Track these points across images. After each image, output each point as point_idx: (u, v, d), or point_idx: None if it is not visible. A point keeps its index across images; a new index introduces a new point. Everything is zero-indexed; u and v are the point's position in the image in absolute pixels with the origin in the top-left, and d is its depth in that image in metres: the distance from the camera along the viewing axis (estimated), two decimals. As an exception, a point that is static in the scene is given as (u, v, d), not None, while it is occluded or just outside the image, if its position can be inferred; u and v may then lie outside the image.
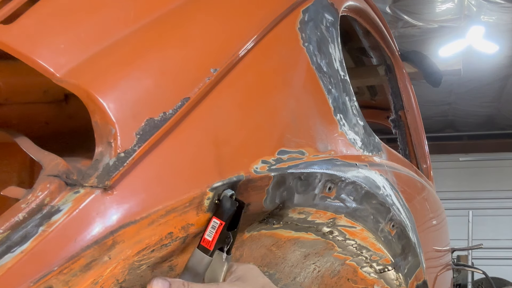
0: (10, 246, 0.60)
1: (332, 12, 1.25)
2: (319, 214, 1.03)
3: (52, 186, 0.64)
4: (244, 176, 0.81)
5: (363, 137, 1.22)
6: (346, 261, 1.27)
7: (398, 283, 1.34)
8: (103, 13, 0.77)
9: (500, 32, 6.58)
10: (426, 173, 2.22)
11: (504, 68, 7.69)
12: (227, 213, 0.76)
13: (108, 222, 0.65)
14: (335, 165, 1.04)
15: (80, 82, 0.68)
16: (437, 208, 2.06)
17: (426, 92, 7.06)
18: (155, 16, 0.81)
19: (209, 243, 0.75)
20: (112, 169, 0.66)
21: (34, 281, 0.60)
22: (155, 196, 0.70)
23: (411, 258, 1.36)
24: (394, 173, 1.38)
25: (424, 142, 2.32)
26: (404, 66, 2.33)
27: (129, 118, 0.69)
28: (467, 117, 9.82)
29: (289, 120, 0.95)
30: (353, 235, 1.16)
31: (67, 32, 0.72)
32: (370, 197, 1.13)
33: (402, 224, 1.27)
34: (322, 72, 1.09)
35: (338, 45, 1.22)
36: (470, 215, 7.60)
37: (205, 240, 0.75)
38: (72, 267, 0.62)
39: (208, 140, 0.78)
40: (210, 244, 0.74)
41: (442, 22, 6.52)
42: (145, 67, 0.75)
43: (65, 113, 1.02)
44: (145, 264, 0.76)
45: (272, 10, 0.99)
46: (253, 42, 0.90)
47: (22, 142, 0.80)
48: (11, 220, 0.61)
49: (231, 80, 0.84)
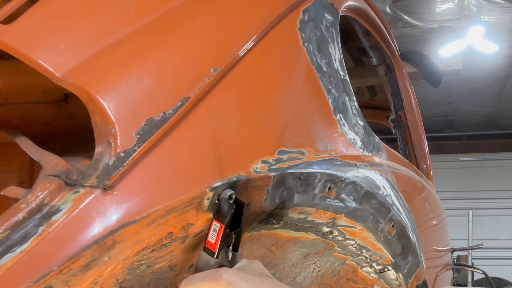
0: (10, 246, 0.60)
1: (332, 12, 1.25)
2: (319, 214, 1.03)
3: (52, 186, 0.64)
4: (244, 176, 0.81)
5: (363, 137, 1.22)
6: (346, 261, 1.27)
7: (398, 283, 1.34)
8: (103, 13, 0.77)
9: (500, 32, 6.58)
10: (426, 173, 2.22)
11: (504, 68, 7.69)
12: (225, 216, 0.77)
13: (108, 222, 0.65)
14: (335, 165, 1.04)
15: (80, 82, 0.68)
16: (437, 208, 2.06)
17: (426, 92, 7.07)
18: (155, 16, 0.81)
19: (213, 246, 0.76)
20: (112, 169, 0.66)
21: (34, 281, 0.60)
22: (155, 196, 0.70)
23: (411, 258, 1.36)
24: (394, 173, 1.38)
25: (424, 142, 2.32)
26: (404, 66, 2.33)
27: (129, 118, 0.69)
28: (467, 117, 9.82)
29: (289, 120, 0.95)
30: (353, 235, 1.16)
31: (67, 32, 0.72)
32: (370, 197, 1.13)
33: (402, 224, 1.27)
34: (322, 72, 1.09)
35: (338, 45, 1.22)
36: (470, 215, 7.60)
37: (209, 242, 0.76)
38: (72, 267, 0.62)
39: (208, 140, 0.78)
40: (214, 246, 0.76)
41: (442, 22, 6.52)
42: (145, 67, 0.75)
43: (65, 113, 1.02)
44: (145, 264, 0.76)
45: (272, 10, 0.99)
46: (253, 42, 0.90)
47: (22, 142, 0.80)
48: (11, 220, 0.61)
49: (231, 80, 0.84)
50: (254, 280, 0.71)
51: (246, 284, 0.69)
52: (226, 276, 0.69)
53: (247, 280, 0.70)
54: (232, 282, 0.69)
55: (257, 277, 0.72)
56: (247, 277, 0.71)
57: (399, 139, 2.27)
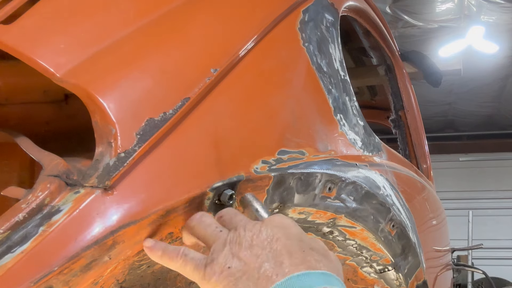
0: (10, 246, 0.60)
1: (332, 12, 1.25)
2: (319, 214, 1.03)
3: (52, 186, 0.64)
4: (244, 176, 0.81)
5: (363, 137, 1.22)
6: (346, 261, 1.27)
7: (398, 283, 1.34)
8: (103, 13, 0.77)
9: (500, 32, 6.59)
10: (426, 173, 2.22)
11: (504, 68, 7.69)
12: None
13: (108, 222, 0.65)
14: (335, 165, 1.04)
15: (80, 82, 0.68)
16: (437, 208, 2.06)
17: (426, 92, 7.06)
18: (155, 16, 0.81)
19: None
20: (112, 169, 0.66)
21: (34, 281, 0.59)
22: (155, 196, 0.70)
23: (411, 258, 1.36)
24: (394, 173, 1.38)
25: (424, 142, 2.32)
26: (404, 66, 2.33)
27: (129, 118, 0.69)
28: (467, 117, 9.83)
29: (289, 120, 0.95)
30: (353, 235, 1.16)
31: (67, 32, 0.72)
32: (370, 197, 1.13)
33: (402, 224, 1.27)
34: (322, 72, 1.09)
35: (338, 45, 1.22)
36: (470, 215, 7.61)
37: None
38: (72, 267, 0.62)
39: (208, 140, 0.78)
40: None
41: (442, 22, 6.53)
42: (145, 67, 0.75)
43: (65, 113, 1.02)
44: (145, 264, 0.76)
45: (272, 10, 0.99)
46: (253, 42, 0.90)
47: (22, 142, 0.80)
48: (11, 220, 0.61)
49: (231, 80, 0.84)
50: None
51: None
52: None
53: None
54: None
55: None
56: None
57: (399, 139, 2.27)
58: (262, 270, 0.62)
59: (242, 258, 0.64)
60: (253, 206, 0.77)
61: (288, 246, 0.65)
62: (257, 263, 0.63)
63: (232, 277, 0.63)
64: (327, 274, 0.63)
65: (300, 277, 0.61)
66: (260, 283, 0.61)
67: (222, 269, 0.63)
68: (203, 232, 0.70)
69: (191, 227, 0.72)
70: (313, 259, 0.64)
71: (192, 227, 0.71)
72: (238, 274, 0.63)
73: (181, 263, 0.67)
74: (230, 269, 0.63)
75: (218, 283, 0.63)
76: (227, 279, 0.63)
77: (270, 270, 0.62)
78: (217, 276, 0.63)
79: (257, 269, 0.62)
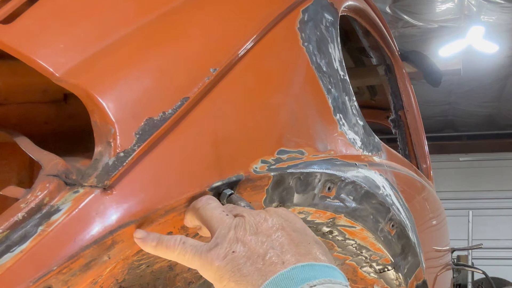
0: (10, 245, 0.60)
1: (332, 12, 1.25)
2: (319, 214, 1.03)
3: (52, 186, 0.64)
4: (244, 176, 0.81)
5: (363, 137, 1.22)
6: (346, 261, 1.27)
7: (398, 283, 1.34)
8: (103, 13, 0.77)
9: (500, 32, 6.58)
10: (426, 173, 2.22)
11: (504, 68, 7.69)
12: None
13: (108, 221, 0.65)
14: (335, 165, 1.04)
15: (80, 82, 0.68)
16: (437, 208, 2.06)
17: (426, 92, 7.07)
18: (154, 15, 0.81)
19: None
20: (112, 169, 0.66)
21: (34, 280, 0.59)
22: (154, 195, 0.70)
23: (411, 258, 1.36)
24: (394, 173, 1.38)
25: (424, 142, 2.32)
26: (404, 66, 2.33)
27: (128, 117, 0.69)
28: (467, 117, 9.82)
29: (289, 120, 0.95)
30: (353, 235, 1.16)
31: (66, 32, 0.72)
32: (369, 197, 1.13)
33: (401, 224, 1.27)
34: (322, 72, 1.09)
35: (338, 45, 1.22)
36: (470, 215, 7.60)
37: None
38: (72, 266, 0.62)
39: (208, 140, 0.78)
40: None
41: (442, 22, 6.52)
42: (144, 66, 0.75)
43: (65, 113, 1.02)
44: (145, 264, 0.76)
45: (272, 9, 0.99)
46: (252, 41, 0.90)
47: (21, 142, 0.80)
48: (11, 220, 0.61)
49: (230, 79, 0.84)
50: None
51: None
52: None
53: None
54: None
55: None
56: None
57: (399, 139, 2.27)
58: (268, 257, 0.62)
59: (247, 244, 0.63)
60: (240, 205, 0.77)
61: (294, 237, 0.65)
62: (262, 249, 0.63)
63: (236, 261, 0.62)
64: (331, 267, 0.63)
65: (305, 267, 0.61)
66: (265, 269, 0.61)
67: (226, 253, 0.63)
68: (210, 214, 0.69)
69: (196, 209, 0.71)
70: (318, 252, 0.65)
71: (198, 209, 0.71)
72: (242, 259, 0.62)
73: (180, 250, 0.66)
74: (234, 254, 0.63)
75: (221, 268, 0.62)
76: (231, 263, 0.62)
77: (275, 258, 0.62)
78: (220, 260, 0.62)
79: (262, 255, 0.62)
